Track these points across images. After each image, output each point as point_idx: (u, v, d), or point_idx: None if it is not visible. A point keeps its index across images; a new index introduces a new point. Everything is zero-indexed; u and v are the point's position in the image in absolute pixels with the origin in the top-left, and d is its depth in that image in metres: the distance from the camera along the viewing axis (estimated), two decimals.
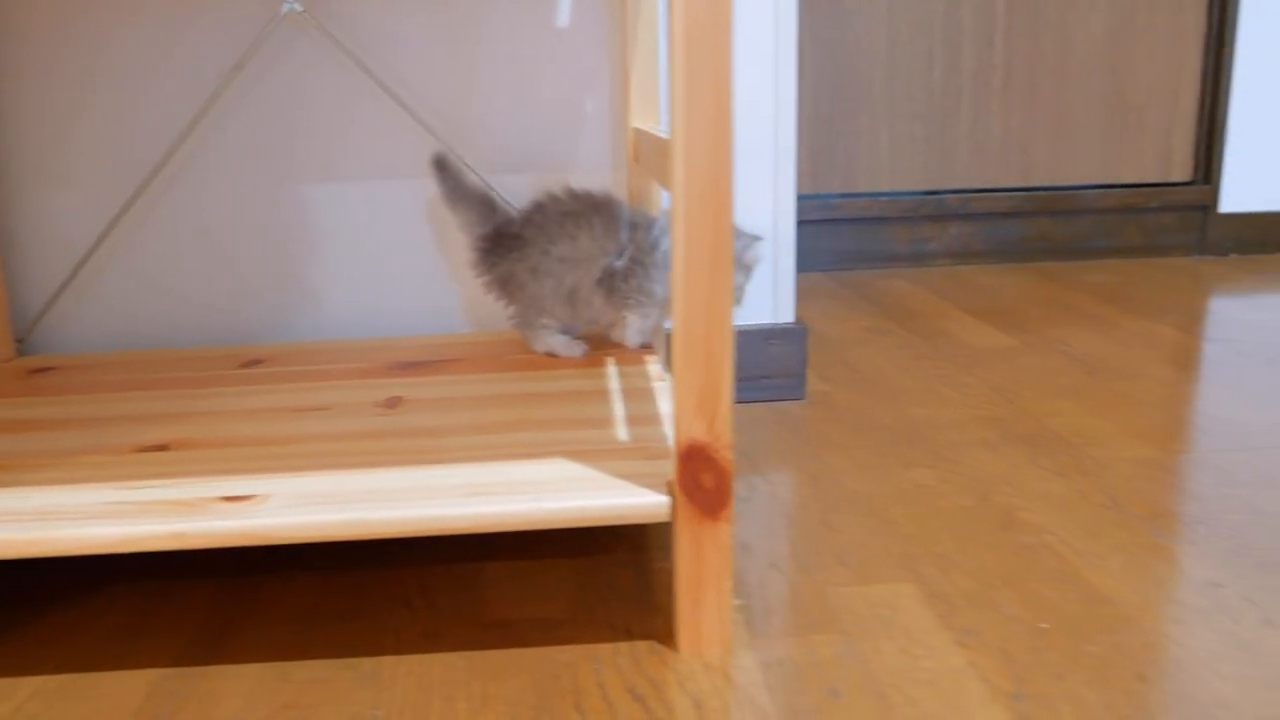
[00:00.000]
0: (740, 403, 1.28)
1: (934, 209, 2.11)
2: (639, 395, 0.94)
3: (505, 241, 1.06)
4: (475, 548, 0.92)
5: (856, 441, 1.14)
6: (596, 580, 0.85)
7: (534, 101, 1.19)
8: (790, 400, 1.28)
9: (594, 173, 1.21)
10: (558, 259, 1.04)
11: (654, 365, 1.04)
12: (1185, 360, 1.41)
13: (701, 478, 0.70)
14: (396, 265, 1.21)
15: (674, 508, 0.71)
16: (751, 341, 1.26)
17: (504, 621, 0.79)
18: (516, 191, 1.20)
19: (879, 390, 1.32)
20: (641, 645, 0.75)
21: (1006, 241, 2.15)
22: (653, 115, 1.13)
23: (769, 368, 1.27)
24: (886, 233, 2.12)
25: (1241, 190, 2.17)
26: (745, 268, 1.03)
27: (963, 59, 2.08)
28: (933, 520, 0.93)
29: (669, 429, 0.85)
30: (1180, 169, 2.18)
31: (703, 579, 0.72)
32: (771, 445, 1.13)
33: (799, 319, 1.29)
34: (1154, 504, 0.95)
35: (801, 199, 2.10)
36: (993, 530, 0.91)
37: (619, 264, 1.03)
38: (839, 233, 2.11)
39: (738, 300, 1.05)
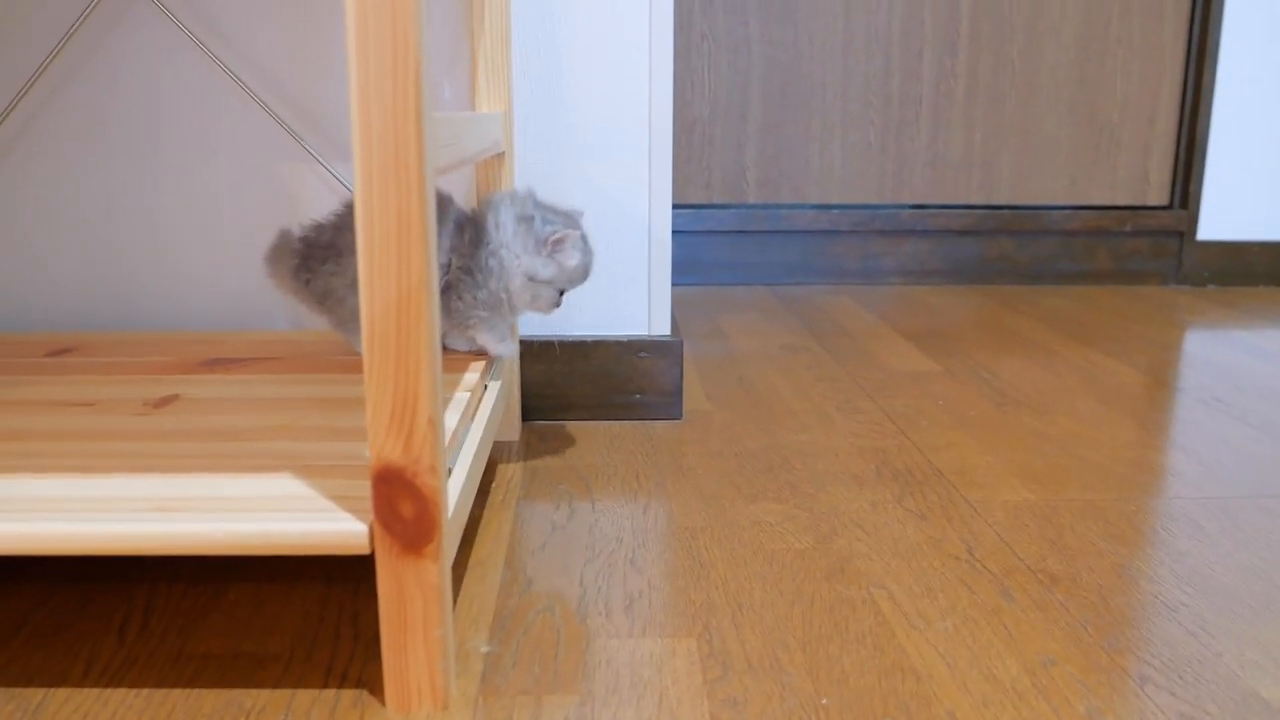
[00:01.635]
0: (607, 420, 1.17)
1: (887, 224, 1.99)
2: None
3: (316, 253, 0.93)
4: (224, 566, 0.81)
5: (712, 468, 1.02)
6: (342, 613, 0.74)
7: None
8: (663, 419, 1.17)
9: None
10: None
11: (473, 373, 0.93)
12: (1115, 396, 1.29)
13: (399, 506, 0.59)
14: (244, 255, 1.11)
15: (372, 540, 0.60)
16: (621, 355, 1.15)
17: (211, 655, 0.68)
18: None
19: (765, 413, 1.20)
20: (349, 695, 0.64)
21: (964, 261, 2.02)
22: (501, 100, 1.02)
23: (640, 384, 1.16)
24: (836, 247, 2.00)
25: (1222, 217, 2.03)
26: (557, 262, 0.89)
27: (923, 66, 1.96)
28: (754, 564, 0.82)
29: None
30: (1157, 192, 2.04)
31: (407, 624, 0.61)
32: (616, 468, 1.02)
33: (676, 331, 1.18)
34: (1015, 558, 0.83)
35: (747, 208, 1.98)
36: (817, 579, 0.79)
37: (445, 277, 0.91)
38: (786, 245, 1.99)
39: (548, 307, 0.93)
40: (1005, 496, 0.95)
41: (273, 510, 0.62)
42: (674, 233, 1.97)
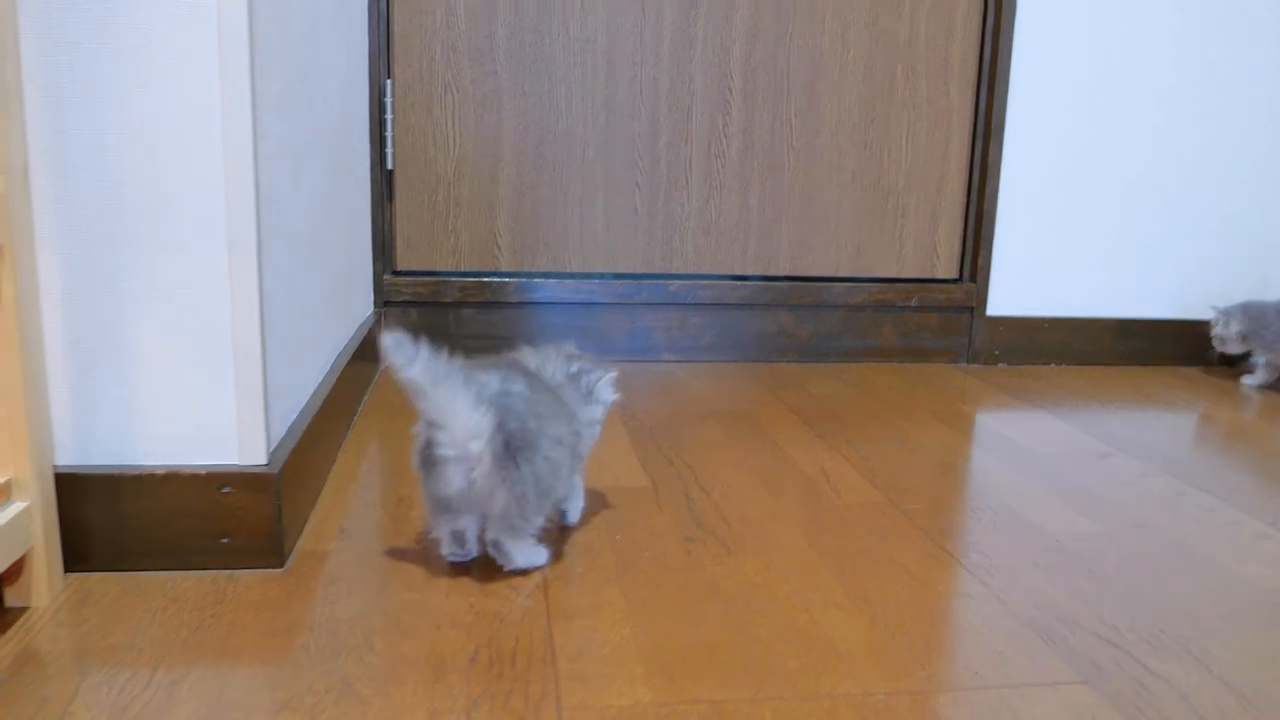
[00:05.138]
0: (185, 570, 0.93)
1: (655, 295, 1.81)
2: None
3: (524, 442, 0.89)
4: None
5: (262, 654, 0.80)
6: None
7: None
8: (259, 570, 0.94)
9: None
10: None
11: None
12: (827, 524, 1.11)
13: None
14: None
15: None
16: (199, 490, 0.92)
17: None
18: None
19: (397, 554, 0.98)
20: None
21: (740, 337, 1.85)
22: None
23: (226, 525, 0.93)
24: (600, 321, 1.81)
25: (1012, 292, 1.91)
26: (602, 403, 1.02)
27: (693, 125, 1.79)
28: None
29: None
30: (945, 265, 1.91)
31: None
32: (142, 650, 0.79)
33: (275, 459, 0.96)
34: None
35: (498, 277, 1.78)
36: None
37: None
38: (544, 318, 1.79)
39: (596, 441, 1.05)
40: (612, 699, 0.75)
41: None
42: (415, 304, 1.75)
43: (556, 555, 1.00)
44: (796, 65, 1.80)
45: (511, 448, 0.87)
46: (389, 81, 1.70)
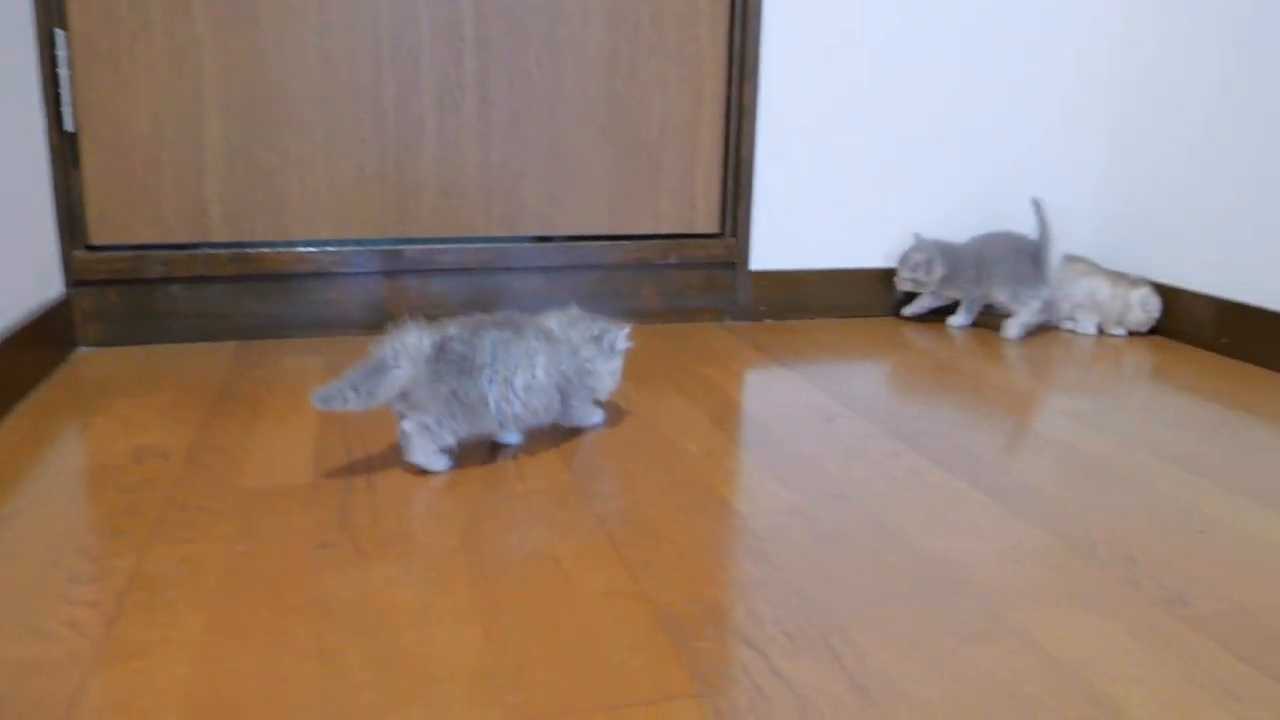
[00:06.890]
0: None
1: (391, 263, 1.67)
2: None
3: (461, 362, 1.06)
4: None
5: None
6: None
7: None
8: None
9: None
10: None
11: None
12: (483, 516, 1.00)
13: None
14: None
15: None
16: None
17: None
18: None
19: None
20: None
21: (490, 304, 1.73)
22: None
23: None
24: (330, 292, 1.66)
25: (775, 244, 1.84)
26: (619, 353, 1.22)
27: (422, 77, 1.65)
28: None
29: None
30: (706, 219, 1.82)
31: None
32: None
33: None
34: None
35: (210, 248, 1.61)
36: None
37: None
38: (265, 292, 1.63)
39: (618, 385, 1.25)
40: None
41: None
42: (113, 282, 1.57)
43: (155, 573, 0.86)
44: (534, 11, 1.67)
45: (444, 360, 1.04)
46: (61, 32, 1.50)
